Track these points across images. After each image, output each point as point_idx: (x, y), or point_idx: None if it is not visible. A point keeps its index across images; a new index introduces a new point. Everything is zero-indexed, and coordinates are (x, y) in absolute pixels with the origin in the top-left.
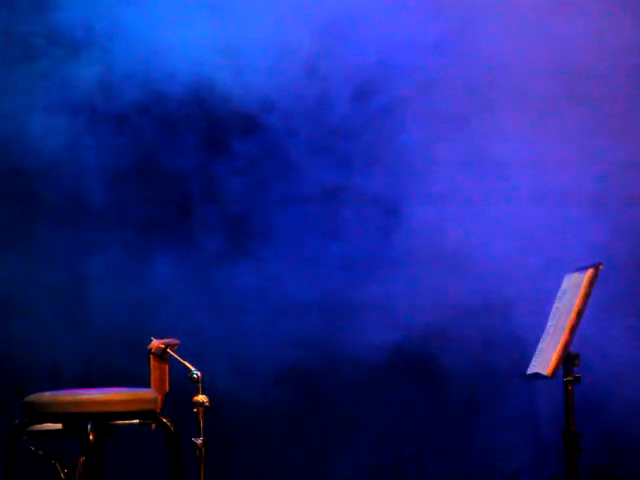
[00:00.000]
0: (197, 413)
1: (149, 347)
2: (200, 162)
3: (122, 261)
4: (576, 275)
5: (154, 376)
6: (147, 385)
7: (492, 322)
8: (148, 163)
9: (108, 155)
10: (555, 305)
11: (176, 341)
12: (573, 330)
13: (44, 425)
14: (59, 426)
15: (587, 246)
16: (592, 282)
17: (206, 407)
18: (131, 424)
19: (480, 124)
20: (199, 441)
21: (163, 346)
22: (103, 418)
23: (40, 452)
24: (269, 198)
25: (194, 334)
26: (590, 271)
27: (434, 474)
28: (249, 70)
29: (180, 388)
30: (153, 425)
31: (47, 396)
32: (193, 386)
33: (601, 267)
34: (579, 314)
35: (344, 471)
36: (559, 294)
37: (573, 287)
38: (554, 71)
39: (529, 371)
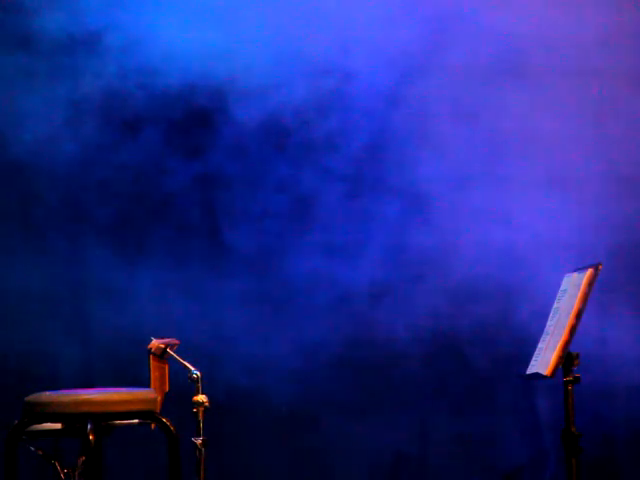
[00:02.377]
0: (197, 413)
1: (149, 347)
2: (198, 164)
3: (122, 262)
4: (575, 275)
5: (154, 376)
6: (147, 385)
7: (492, 322)
8: (148, 166)
9: (108, 158)
10: (555, 305)
11: (176, 341)
12: (573, 330)
13: (44, 425)
14: (59, 426)
15: (588, 245)
16: (592, 282)
17: (206, 407)
18: (131, 424)
19: (484, 120)
20: (199, 441)
21: (163, 346)
22: (103, 418)
23: (40, 452)
24: (281, 197)
25: (194, 334)
26: (590, 271)
27: (434, 473)
28: (246, 73)
29: (180, 388)
30: (153, 425)
31: (47, 396)
32: (193, 386)
33: (601, 267)
34: (579, 314)
35: (345, 471)
36: (559, 294)
37: (573, 287)
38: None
39: (529, 371)
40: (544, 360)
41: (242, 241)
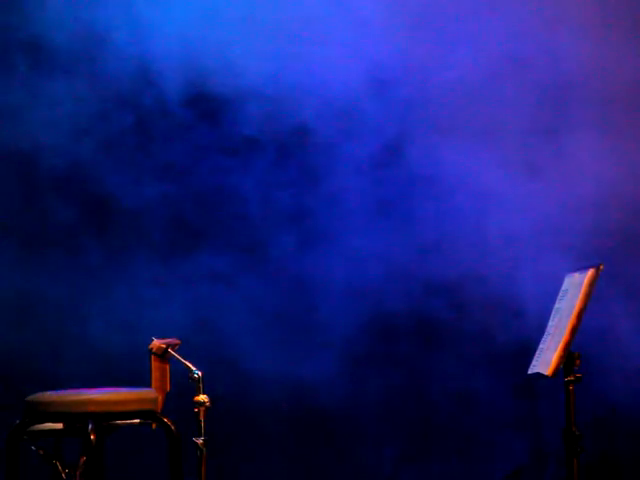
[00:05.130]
0: (198, 413)
1: (150, 347)
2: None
3: (122, 262)
4: (577, 275)
5: (155, 376)
6: (148, 385)
7: (492, 322)
8: (150, 164)
9: (108, 161)
10: (556, 305)
11: (177, 341)
12: (574, 330)
13: (45, 425)
14: (60, 426)
15: (589, 245)
16: (593, 282)
17: (207, 407)
18: (132, 424)
19: (486, 117)
20: (200, 441)
21: (164, 346)
22: (104, 418)
23: (41, 452)
24: (279, 198)
25: (194, 334)
26: (591, 271)
27: (434, 473)
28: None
29: (181, 388)
30: (154, 425)
31: (48, 396)
32: (194, 386)
33: (602, 268)
34: (580, 314)
35: (345, 471)
36: (560, 294)
37: (574, 287)
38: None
39: (530, 371)
40: (545, 360)
41: (243, 241)
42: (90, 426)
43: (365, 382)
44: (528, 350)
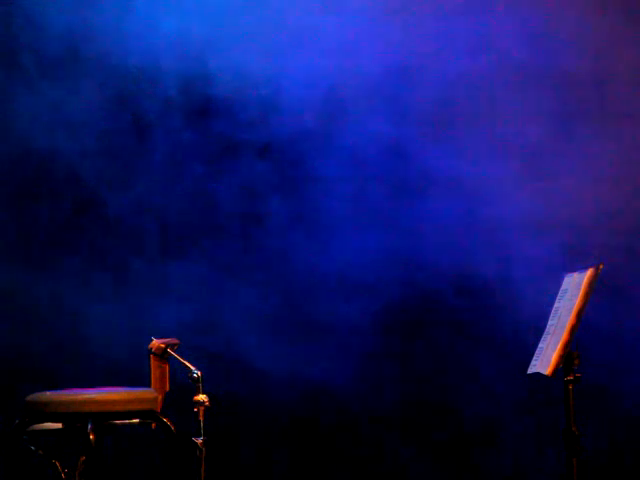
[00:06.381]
0: (197, 413)
1: (149, 347)
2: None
3: (122, 261)
4: (576, 275)
5: (154, 376)
6: (147, 385)
7: (491, 321)
8: (150, 167)
9: (107, 161)
10: (555, 305)
11: (176, 341)
12: (573, 330)
13: (44, 425)
14: (59, 426)
15: (588, 246)
16: (592, 282)
17: (206, 407)
18: (131, 424)
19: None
20: (199, 440)
21: (163, 346)
22: (103, 418)
23: (40, 452)
24: (276, 197)
25: (194, 334)
26: (590, 271)
27: (434, 473)
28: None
29: (180, 388)
30: (153, 425)
31: (47, 396)
32: (193, 386)
33: (602, 267)
34: (579, 314)
35: (345, 470)
36: (559, 294)
37: (573, 287)
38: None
39: (529, 371)
40: (545, 360)
41: (243, 239)
42: (90, 426)
43: (364, 381)
44: (527, 350)
